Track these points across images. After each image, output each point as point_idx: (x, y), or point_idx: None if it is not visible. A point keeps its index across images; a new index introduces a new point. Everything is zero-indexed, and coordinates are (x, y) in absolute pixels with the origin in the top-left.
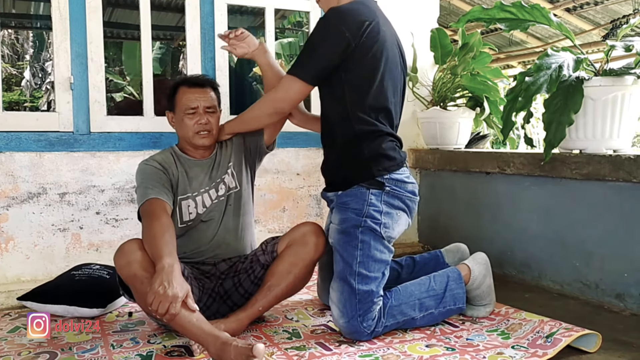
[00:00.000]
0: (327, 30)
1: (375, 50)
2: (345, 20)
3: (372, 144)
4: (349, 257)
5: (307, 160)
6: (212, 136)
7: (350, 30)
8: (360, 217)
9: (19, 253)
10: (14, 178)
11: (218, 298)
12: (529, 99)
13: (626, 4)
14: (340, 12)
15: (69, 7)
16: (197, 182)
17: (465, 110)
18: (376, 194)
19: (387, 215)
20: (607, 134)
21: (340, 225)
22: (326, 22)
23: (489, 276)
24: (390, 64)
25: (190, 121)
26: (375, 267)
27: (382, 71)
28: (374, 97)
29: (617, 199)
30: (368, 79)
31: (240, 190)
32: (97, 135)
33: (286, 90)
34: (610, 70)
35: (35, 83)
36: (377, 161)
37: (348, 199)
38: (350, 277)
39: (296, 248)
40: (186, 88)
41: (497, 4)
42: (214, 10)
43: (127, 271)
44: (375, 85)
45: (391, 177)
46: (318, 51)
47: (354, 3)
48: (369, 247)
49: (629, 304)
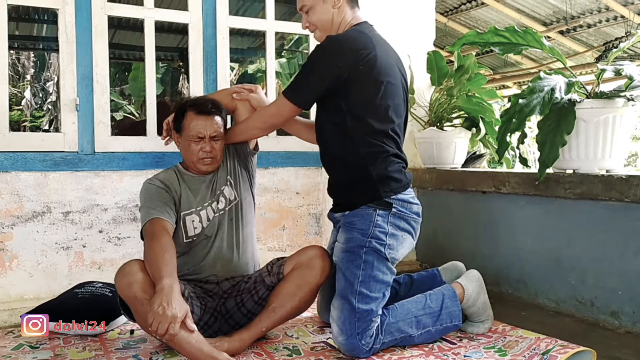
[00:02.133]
0: (322, 58)
1: (374, 77)
2: (341, 49)
3: (379, 167)
4: (351, 275)
5: (306, 179)
6: (216, 162)
7: (345, 60)
8: (366, 238)
9: (22, 271)
10: (19, 197)
11: (220, 317)
12: (523, 120)
13: (618, 27)
14: (336, 42)
15: (76, 30)
16: (200, 196)
17: (462, 130)
18: (383, 215)
19: (392, 237)
20: (600, 155)
21: (346, 244)
22: (323, 50)
23: (483, 293)
24: (391, 87)
25: (195, 147)
26: (377, 288)
27: (383, 95)
28: (376, 121)
29: (610, 218)
30: (368, 104)
31: (240, 201)
32: (101, 155)
33: (279, 108)
34: (602, 92)
35: (35, 103)
36: (384, 183)
37: (354, 219)
38: (351, 295)
39: (302, 271)
40: (194, 114)
41: (491, 29)
42: (217, 33)
43: (127, 292)
44: (377, 110)
45: (398, 197)
46: (312, 78)
47: (351, 31)
48: (371, 268)
49: (624, 322)
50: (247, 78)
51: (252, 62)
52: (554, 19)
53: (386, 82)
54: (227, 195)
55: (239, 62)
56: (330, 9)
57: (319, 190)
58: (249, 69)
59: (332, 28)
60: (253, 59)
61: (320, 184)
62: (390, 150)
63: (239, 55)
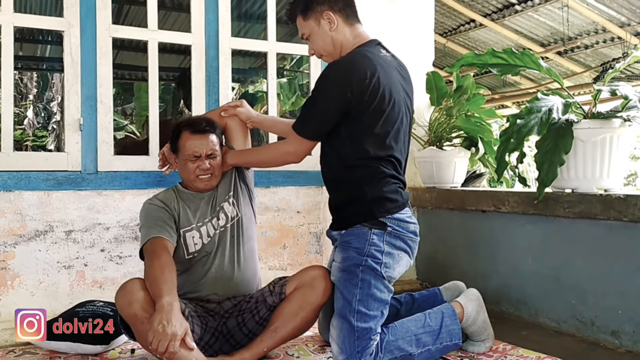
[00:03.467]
0: (328, 88)
1: (376, 106)
2: (346, 76)
3: (374, 188)
4: (349, 294)
5: (307, 198)
6: (214, 178)
7: (351, 88)
8: (362, 257)
9: (24, 290)
10: (22, 216)
11: (221, 337)
12: (521, 140)
13: (615, 48)
14: (340, 68)
15: (81, 52)
16: (199, 213)
17: (461, 150)
18: (378, 233)
19: (388, 255)
20: (598, 174)
21: (342, 263)
22: (327, 79)
23: (483, 312)
24: (392, 114)
25: (192, 165)
26: (375, 306)
27: (382, 124)
28: (374, 148)
29: (609, 237)
30: (367, 132)
31: (241, 217)
32: (104, 174)
33: (295, 148)
34: (599, 113)
35: (37, 122)
36: (379, 203)
37: (350, 238)
38: (349, 314)
39: (305, 291)
40: (189, 134)
41: (489, 50)
42: (219, 54)
43: (127, 311)
44: (375, 138)
45: (393, 217)
46: (321, 109)
47: (355, 55)
48: (369, 286)
49: (624, 341)
50: (248, 98)
51: (253, 82)
52: (552, 40)
53: (388, 110)
54: (229, 213)
55: (240, 82)
56: (327, 32)
57: (320, 209)
58: (250, 89)
59: (336, 50)
60: (254, 79)
61: (321, 203)
62: (386, 172)
63: (240, 75)
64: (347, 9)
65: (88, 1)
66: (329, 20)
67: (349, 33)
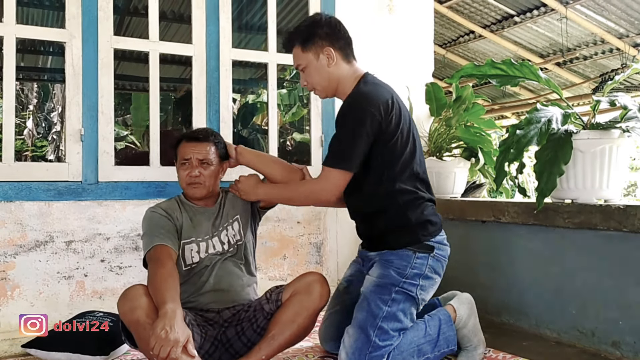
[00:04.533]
0: (358, 116)
1: (401, 125)
2: (373, 103)
3: (416, 211)
4: (376, 309)
5: (307, 209)
6: (203, 188)
7: (379, 112)
8: (401, 278)
9: (24, 300)
10: (23, 226)
11: (220, 346)
12: (521, 150)
13: (614, 59)
14: (366, 96)
15: (82, 63)
16: (200, 228)
17: (461, 160)
18: (422, 257)
19: (426, 279)
20: (597, 185)
21: (379, 279)
22: (355, 108)
23: (474, 316)
24: (415, 130)
25: (183, 172)
26: (396, 327)
27: (411, 142)
28: (409, 169)
29: (609, 248)
30: (400, 154)
31: (244, 242)
32: (105, 184)
33: (333, 183)
34: (597, 124)
35: (37, 132)
36: (423, 227)
37: (393, 258)
38: (370, 328)
39: (301, 297)
40: (185, 142)
41: (488, 61)
42: (220, 65)
43: (130, 317)
44: (407, 158)
45: (436, 240)
46: (356, 139)
47: (367, 85)
48: (397, 307)
49: (625, 352)
50: (248, 108)
51: (253, 92)
52: (551, 51)
53: (412, 131)
54: (231, 237)
55: (240, 92)
56: (325, 68)
57: (320, 220)
58: (250, 99)
59: (331, 85)
60: (254, 90)
61: (321, 214)
62: (424, 195)
63: (240, 85)
64: (347, 47)
65: (90, 13)
66: (329, 56)
67: (347, 69)
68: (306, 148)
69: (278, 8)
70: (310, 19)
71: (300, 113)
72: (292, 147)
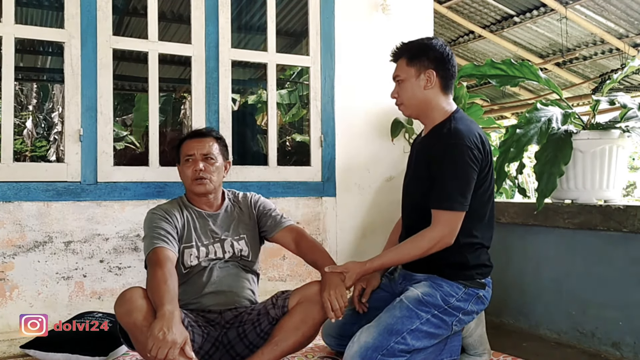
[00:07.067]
0: (464, 155)
1: (489, 167)
2: (473, 141)
3: (474, 255)
4: (407, 320)
5: (307, 209)
6: (209, 183)
7: (479, 150)
8: (444, 305)
9: (22, 301)
10: (22, 227)
11: (221, 347)
12: (521, 150)
13: (614, 59)
14: (466, 134)
15: (81, 63)
16: (201, 233)
17: None
18: (471, 293)
19: (467, 314)
20: (597, 185)
21: (424, 296)
22: (458, 147)
23: (482, 326)
24: (491, 170)
25: (187, 169)
26: (416, 345)
27: (490, 183)
28: (486, 216)
29: (609, 248)
30: (486, 201)
31: (250, 256)
32: (104, 185)
33: (453, 228)
34: (597, 124)
35: (37, 132)
36: (479, 270)
37: (444, 284)
38: (394, 333)
39: (307, 305)
40: (188, 140)
41: (487, 62)
42: (219, 66)
43: (127, 319)
44: (488, 203)
45: (487, 280)
46: (467, 180)
47: (465, 121)
48: (427, 327)
49: (625, 353)
50: (247, 108)
51: (252, 92)
52: (551, 52)
53: (492, 168)
54: (237, 250)
55: (240, 92)
56: (421, 88)
57: (320, 220)
58: (250, 100)
59: (420, 107)
60: (254, 90)
61: (320, 214)
62: (485, 244)
63: (240, 86)
64: (448, 79)
65: (89, 13)
66: (428, 79)
67: (441, 99)
68: (306, 148)
69: (278, 8)
70: (427, 39)
71: (300, 113)
72: (291, 147)
